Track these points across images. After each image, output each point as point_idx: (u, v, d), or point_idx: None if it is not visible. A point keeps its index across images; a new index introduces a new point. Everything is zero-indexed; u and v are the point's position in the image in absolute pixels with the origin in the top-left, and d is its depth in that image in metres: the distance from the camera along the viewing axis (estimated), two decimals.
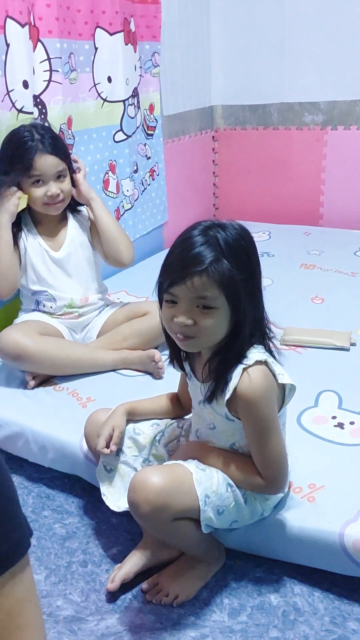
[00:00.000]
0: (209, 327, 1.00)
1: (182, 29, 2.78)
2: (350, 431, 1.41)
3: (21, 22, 1.80)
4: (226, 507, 1.09)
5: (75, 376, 1.71)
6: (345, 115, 2.88)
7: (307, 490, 1.22)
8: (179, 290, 0.99)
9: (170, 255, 1.03)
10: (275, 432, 1.05)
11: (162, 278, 1.03)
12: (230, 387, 1.02)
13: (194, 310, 0.99)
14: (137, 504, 1.02)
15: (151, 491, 1.01)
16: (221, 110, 3.22)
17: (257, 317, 1.05)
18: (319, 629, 1.07)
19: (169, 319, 1.02)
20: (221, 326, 1.01)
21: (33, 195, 1.68)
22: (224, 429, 1.11)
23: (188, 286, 0.97)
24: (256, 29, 2.93)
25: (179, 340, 1.03)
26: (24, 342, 1.60)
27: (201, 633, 1.07)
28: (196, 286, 0.97)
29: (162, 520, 1.03)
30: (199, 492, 1.05)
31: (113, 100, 2.34)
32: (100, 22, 2.20)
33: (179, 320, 1.00)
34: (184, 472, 1.07)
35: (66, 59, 2.05)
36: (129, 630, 1.08)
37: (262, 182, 3.21)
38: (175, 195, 2.98)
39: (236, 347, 1.03)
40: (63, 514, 1.40)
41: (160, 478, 1.03)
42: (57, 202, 1.71)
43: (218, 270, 0.97)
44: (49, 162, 1.65)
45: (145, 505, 1.01)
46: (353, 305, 2.10)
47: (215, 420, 1.11)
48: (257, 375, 1.02)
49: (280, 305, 2.10)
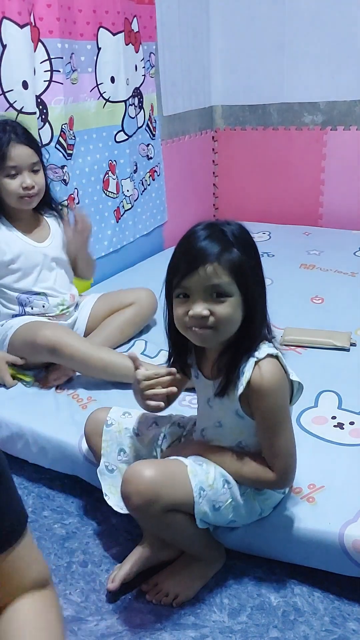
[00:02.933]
0: (225, 316, 0.99)
1: (181, 29, 2.78)
2: (350, 431, 1.41)
3: (19, 22, 1.80)
4: (223, 504, 1.09)
5: (75, 377, 1.71)
6: (345, 116, 2.89)
7: (307, 490, 1.22)
8: (191, 282, 0.98)
9: (176, 253, 1.03)
10: (287, 425, 1.06)
11: (170, 275, 1.02)
12: (244, 380, 1.02)
13: (208, 300, 0.99)
14: (129, 496, 1.03)
15: (141, 482, 1.02)
16: (221, 111, 3.23)
17: (264, 311, 1.05)
18: (319, 629, 1.07)
19: (183, 314, 1.01)
20: (237, 316, 1.01)
21: (8, 188, 1.65)
22: (232, 427, 1.11)
23: (201, 275, 0.97)
24: (256, 29, 2.93)
25: (196, 335, 1.01)
26: (64, 337, 1.60)
27: (201, 633, 1.07)
28: (209, 274, 0.97)
29: (154, 512, 1.03)
30: (193, 484, 1.05)
31: (115, 100, 2.34)
32: (103, 22, 2.20)
33: (194, 312, 0.98)
34: (178, 465, 1.08)
35: (67, 59, 2.05)
36: (129, 630, 1.09)
37: (262, 182, 3.21)
38: (175, 196, 2.98)
39: (248, 340, 1.03)
40: (63, 514, 1.40)
41: (152, 470, 1.04)
42: (32, 196, 1.68)
43: (229, 257, 0.98)
44: (24, 152, 1.64)
45: (136, 497, 1.02)
46: (353, 305, 2.10)
47: (224, 417, 1.11)
48: (270, 367, 1.02)
49: (280, 305, 2.09)
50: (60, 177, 2.12)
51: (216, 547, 1.19)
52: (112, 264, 2.55)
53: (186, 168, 3.09)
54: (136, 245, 2.71)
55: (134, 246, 2.69)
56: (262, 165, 3.17)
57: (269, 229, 3.06)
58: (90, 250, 1.92)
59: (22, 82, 1.86)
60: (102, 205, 2.42)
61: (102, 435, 1.24)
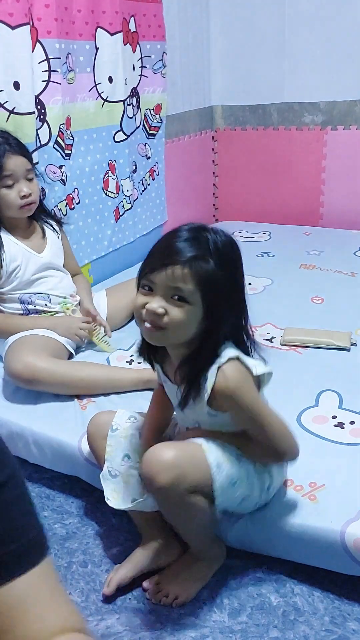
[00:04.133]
0: (178, 320, 0.98)
1: (182, 29, 2.78)
2: (350, 431, 1.41)
3: (11, 24, 1.79)
4: (239, 478, 1.08)
5: None
6: (345, 116, 2.88)
7: (308, 489, 1.22)
8: (157, 278, 0.98)
9: (155, 245, 1.03)
10: (267, 412, 1.06)
11: (143, 265, 1.02)
12: (208, 386, 1.02)
13: (168, 299, 0.98)
14: (154, 476, 1.00)
15: (167, 462, 1.00)
16: (221, 111, 3.22)
17: (237, 325, 1.05)
18: (319, 629, 1.06)
19: (141, 306, 1.00)
20: (190, 325, 1.00)
21: (7, 200, 1.68)
22: (210, 423, 1.11)
23: (167, 274, 0.96)
24: (256, 29, 2.93)
25: (147, 330, 1.01)
26: (37, 365, 1.56)
27: (201, 633, 1.07)
28: (175, 276, 0.96)
29: (179, 492, 1.01)
30: (210, 460, 1.05)
31: (113, 100, 2.34)
32: (100, 22, 2.20)
33: (150, 306, 0.98)
34: (193, 446, 1.07)
35: (64, 59, 2.05)
36: (129, 630, 1.08)
37: (262, 182, 3.20)
38: (175, 195, 2.98)
39: (207, 351, 1.03)
40: (63, 514, 1.40)
41: (174, 450, 1.03)
42: (31, 203, 1.72)
43: (201, 266, 0.96)
44: (18, 161, 1.67)
45: (162, 476, 0.99)
46: (353, 305, 2.09)
47: (199, 417, 1.12)
48: (231, 370, 1.02)
49: (280, 305, 2.10)
50: (58, 177, 2.12)
51: (218, 544, 1.19)
52: (112, 263, 2.55)
53: (186, 168, 3.09)
54: (136, 245, 2.71)
55: (133, 246, 2.69)
56: (262, 165, 3.17)
57: (269, 229, 3.06)
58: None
59: (14, 83, 1.86)
60: (102, 205, 2.42)
61: (105, 439, 1.23)
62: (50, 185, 2.08)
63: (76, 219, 2.28)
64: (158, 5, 2.50)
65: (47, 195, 2.05)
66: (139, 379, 1.62)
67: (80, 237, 2.32)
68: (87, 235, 2.37)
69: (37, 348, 1.63)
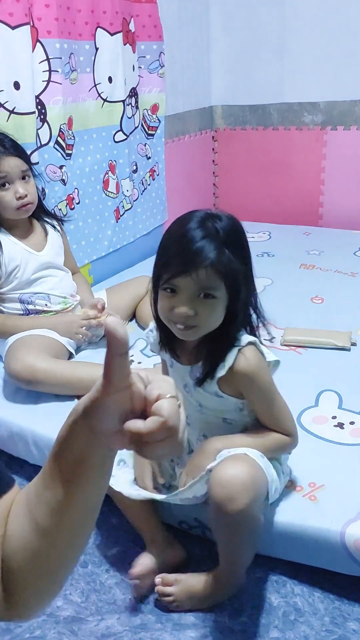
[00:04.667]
0: (210, 316, 1.02)
1: (182, 29, 2.78)
2: (350, 431, 1.41)
3: (11, 24, 1.79)
4: (272, 475, 1.10)
5: None
6: (345, 116, 2.88)
7: (308, 489, 1.22)
8: (181, 282, 0.99)
9: (169, 249, 1.02)
10: (278, 395, 1.11)
11: (161, 270, 1.02)
12: (225, 366, 1.06)
13: (195, 300, 1.00)
14: (233, 498, 0.97)
15: (246, 481, 0.99)
16: (221, 111, 3.22)
17: (249, 304, 1.09)
18: (319, 629, 1.06)
19: (169, 308, 1.02)
20: (220, 314, 1.03)
21: (3, 200, 1.68)
22: (213, 407, 1.13)
23: (193, 278, 0.98)
24: (256, 29, 2.93)
25: (180, 330, 1.03)
26: (37, 365, 1.56)
27: (201, 633, 1.07)
28: (201, 278, 0.98)
29: (256, 512, 1.02)
30: (263, 467, 1.06)
31: (113, 100, 2.34)
32: (101, 22, 2.20)
33: (180, 310, 1.00)
34: (245, 457, 1.05)
35: (66, 59, 2.05)
36: (129, 631, 1.08)
37: (262, 182, 3.21)
38: (175, 195, 2.98)
39: (231, 331, 1.06)
40: None
41: (244, 467, 1.01)
42: (27, 204, 1.72)
43: (222, 262, 0.98)
44: (13, 162, 1.67)
45: (244, 497, 0.97)
46: (353, 305, 2.09)
47: (203, 400, 1.13)
48: (251, 353, 1.07)
49: (280, 305, 2.09)
50: (59, 177, 2.12)
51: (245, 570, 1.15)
52: (112, 263, 2.55)
53: (186, 168, 3.09)
54: (136, 245, 2.71)
55: (133, 246, 2.69)
56: (262, 165, 3.17)
57: (269, 229, 3.06)
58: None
59: (14, 83, 1.86)
60: (102, 205, 2.42)
61: None
62: (50, 185, 2.08)
63: (76, 219, 2.27)
64: (153, 6, 2.49)
65: (47, 195, 2.05)
66: None
67: (80, 237, 2.32)
68: (87, 235, 2.37)
69: (37, 348, 1.63)
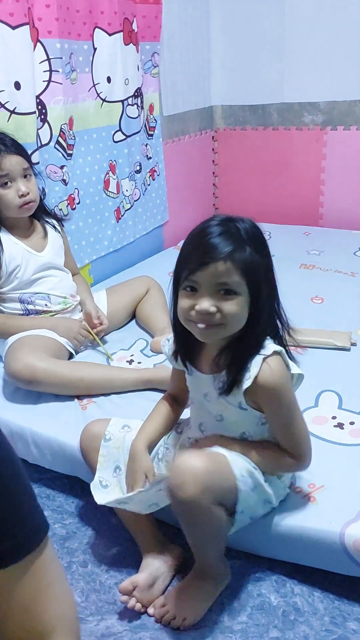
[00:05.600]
0: (232, 313, 0.98)
1: (182, 29, 2.78)
2: (350, 431, 1.41)
3: (12, 24, 1.79)
4: (258, 484, 1.08)
5: None
6: (345, 116, 2.88)
7: (308, 490, 1.22)
8: (200, 277, 0.97)
9: (187, 246, 1.02)
10: (299, 413, 1.08)
11: (180, 268, 1.01)
12: (251, 376, 1.01)
13: (215, 296, 0.98)
14: (183, 485, 0.98)
15: (197, 471, 0.98)
16: (221, 111, 3.22)
17: (272, 309, 1.06)
18: (319, 629, 1.07)
19: (189, 308, 0.99)
20: (243, 314, 1.00)
21: (5, 199, 1.68)
22: (234, 419, 1.10)
23: (212, 271, 0.96)
24: (256, 29, 2.93)
25: (201, 330, 1.00)
26: (37, 365, 1.56)
27: (201, 633, 1.07)
28: (220, 271, 0.96)
29: (206, 503, 0.99)
30: (235, 472, 1.04)
31: (112, 100, 2.34)
32: (98, 23, 2.20)
33: (201, 307, 0.97)
34: (219, 456, 1.06)
35: (67, 59, 2.05)
36: (129, 630, 1.08)
37: (262, 182, 3.21)
38: (175, 195, 2.98)
39: (255, 337, 1.02)
40: (63, 514, 1.40)
41: (204, 460, 1.02)
42: (29, 202, 1.72)
43: (241, 256, 0.97)
44: (14, 160, 1.67)
45: (191, 486, 0.97)
46: (353, 305, 2.09)
47: (225, 411, 1.10)
48: (277, 364, 1.02)
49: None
50: (59, 177, 2.12)
51: (224, 562, 1.15)
52: (112, 263, 2.55)
53: (186, 168, 3.09)
54: (136, 245, 2.71)
55: (134, 246, 2.69)
56: (262, 165, 3.17)
57: (269, 229, 3.05)
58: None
59: (15, 83, 1.86)
60: (103, 205, 2.42)
61: (98, 450, 1.22)
62: (51, 185, 2.08)
63: (77, 219, 2.28)
64: (149, 6, 2.48)
65: (48, 195, 2.05)
66: (139, 379, 1.62)
67: (80, 237, 2.32)
68: (87, 235, 2.37)
69: (37, 348, 1.63)
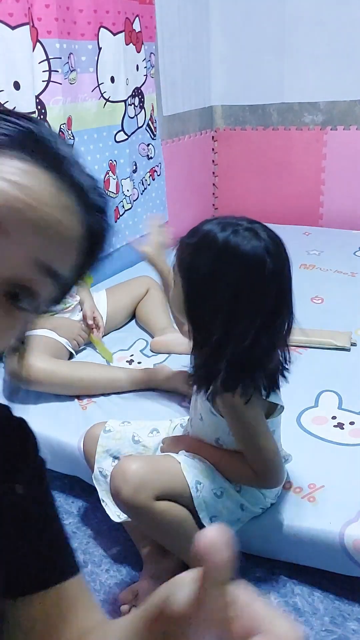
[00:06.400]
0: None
1: (182, 29, 2.78)
2: (350, 431, 1.41)
3: (11, 24, 1.79)
4: (225, 489, 1.08)
5: None
6: (345, 116, 2.88)
7: (307, 490, 1.22)
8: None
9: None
10: (263, 434, 1.03)
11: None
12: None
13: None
14: (118, 490, 1.02)
15: (127, 472, 1.02)
16: (221, 111, 3.22)
17: (239, 350, 0.94)
18: (319, 629, 1.07)
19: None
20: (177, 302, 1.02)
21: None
22: (209, 422, 1.12)
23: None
24: (256, 29, 2.93)
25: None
26: (37, 365, 1.56)
27: None
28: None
29: (143, 500, 1.01)
30: (188, 479, 1.05)
31: (115, 100, 2.34)
32: (104, 22, 2.20)
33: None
34: (170, 460, 1.08)
35: (65, 59, 2.05)
36: None
37: (261, 182, 3.21)
38: (175, 195, 2.98)
39: (213, 365, 0.97)
40: (63, 514, 1.39)
41: (137, 461, 1.05)
42: None
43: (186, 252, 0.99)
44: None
45: (124, 488, 1.01)
46: (353, 305, 2.09)
47: (203, 412, 1.12)
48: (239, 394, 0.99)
49: None
50: None
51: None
52: (112, 263, 2.55)
53: (186, 168, 3.09)
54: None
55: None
56: (262, 165, 3.17)
57: None
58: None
59: (14, 83, 1.86)
60: None
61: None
62: None
63: None
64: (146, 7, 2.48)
65: None
66: (139, 379, 1.62)
67: None
68: None
69: (37, 348, 1.63)
